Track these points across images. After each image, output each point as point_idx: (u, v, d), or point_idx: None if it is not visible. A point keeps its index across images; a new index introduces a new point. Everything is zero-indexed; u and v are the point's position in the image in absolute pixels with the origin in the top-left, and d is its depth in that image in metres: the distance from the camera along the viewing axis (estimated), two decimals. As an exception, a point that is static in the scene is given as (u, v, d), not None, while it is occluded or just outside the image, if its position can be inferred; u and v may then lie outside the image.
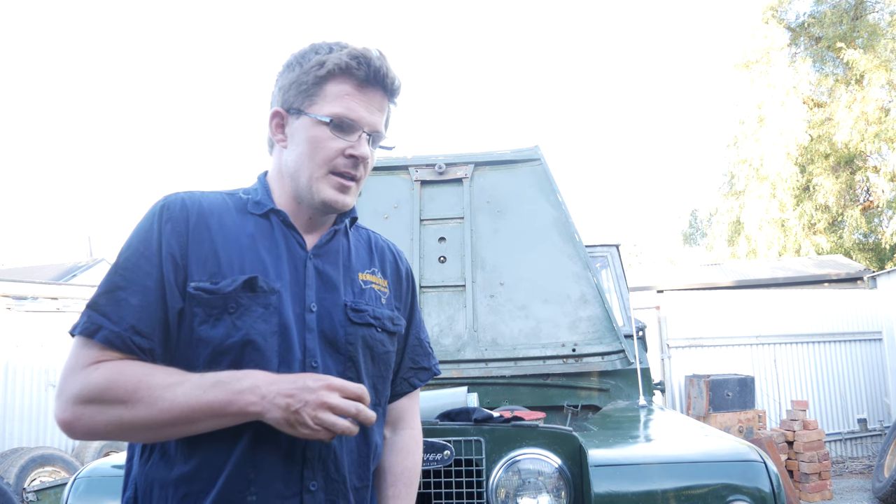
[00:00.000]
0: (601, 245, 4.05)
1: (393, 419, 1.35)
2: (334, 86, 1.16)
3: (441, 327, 3.24)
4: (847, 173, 15.55)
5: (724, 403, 6.78)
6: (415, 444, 1.36)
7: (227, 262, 1.11)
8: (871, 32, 14.81)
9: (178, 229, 1.11)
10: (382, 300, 1.27)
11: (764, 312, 8.74)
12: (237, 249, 1.13)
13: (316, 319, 1.15)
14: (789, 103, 15.33)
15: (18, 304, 7.46)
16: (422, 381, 1.39)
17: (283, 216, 1.20)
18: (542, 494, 1.93)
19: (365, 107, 1.17)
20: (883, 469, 6.46)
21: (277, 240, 1.18)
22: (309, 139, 1.16)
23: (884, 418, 8.85)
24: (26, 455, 6.02)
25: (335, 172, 1.17)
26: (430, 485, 2.00)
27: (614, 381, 3.13)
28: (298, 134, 1.18)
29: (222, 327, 1.07)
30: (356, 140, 1.17)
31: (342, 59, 1.15)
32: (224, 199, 1.20)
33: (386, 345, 1.25)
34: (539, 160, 3.47)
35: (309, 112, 1.16)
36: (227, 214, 1.17)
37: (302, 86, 1.17)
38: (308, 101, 1.17)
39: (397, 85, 1.21)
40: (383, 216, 3.48)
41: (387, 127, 1.26)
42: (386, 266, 1.34)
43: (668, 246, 26.77)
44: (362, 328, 1.19)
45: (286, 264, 1.16)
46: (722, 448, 2.00)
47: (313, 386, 1.01)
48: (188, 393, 0.99)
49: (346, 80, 1.16)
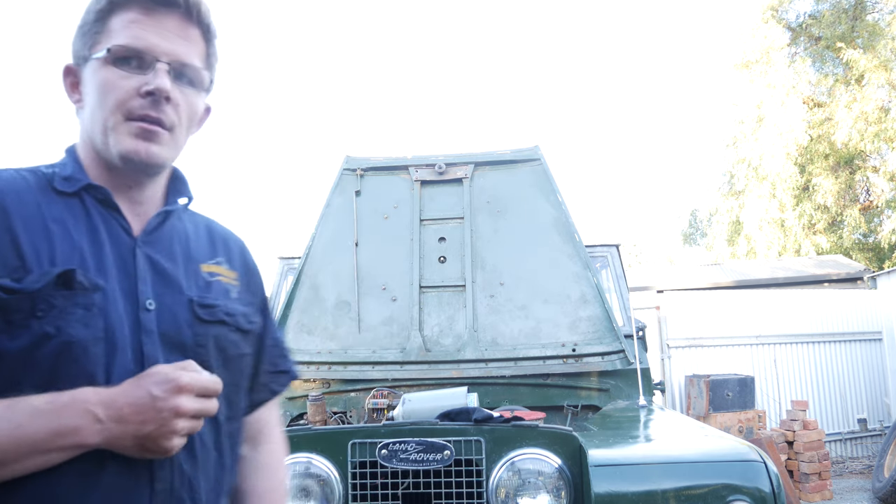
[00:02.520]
0: (601, 245, 4.05)
1: (252, 433, 1.15)
2: (119, 17, 0.96)
3: (441, 327, 3.24)
4: (847, 173, 15.54)
5: (724, 403, 6.77)
6: (277, 460, 1.18)
7: (33, 253, 0.88)
8: (870, 32, 14.80)
9: None
10: (233, 294, 1.07)
11: (764, 312, 8.74)
12: (44, 237, 0.90)
13: (155, 319, 0.94)
14: (789, 103, 15.33)
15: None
16: (282, 387, 1.21)
17: (102, 193, 0.97)
18: (542, 494, 1.93)
19: (157, 33, 0.96)
20: (883, 469, 6.46)
21: (95, 224, 0.95)
22: (97, 86, 0.96)
23: (884, 418, 8.85)
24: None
25: (133, 118, 0.95)
26: (430, 485, 2.00)
27: (614, 381, 3.14)
28: (88, 84, 0.98)
29: (26, 336, 0.84)
30: (152, 74, 0.95)
31: None
32: (23, 177, 0.95)
33: (240, 346, 1.06)
34: (539, 160, 3.47)
35: (93, 55, 0.97)
36: (27, 194, 0.93)
37: (84, 27, 0.99)
38: (91, 43, 0.98)
39: (202, 6, 1.00)
40: (383, 216, 3.48)
41: (210, 67, 1.05)
42: (233, 256, 1.13)
43: (668, 246, 26.77)
44: (214, 326, 1.00)
45: (110, 254, 0.94)
46: (722, 448, 2.01)
47: (161, 394, 0.84)
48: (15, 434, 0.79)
49: (131, 7, 0.96)
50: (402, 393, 2.79)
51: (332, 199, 3.53)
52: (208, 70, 1.04)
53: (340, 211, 3.50)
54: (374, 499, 2.03)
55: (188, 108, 1.01)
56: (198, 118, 1.06)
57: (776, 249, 15.80)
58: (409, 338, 3.19)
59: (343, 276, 3.36)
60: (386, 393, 2.87)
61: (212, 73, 1.06)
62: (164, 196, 1.07)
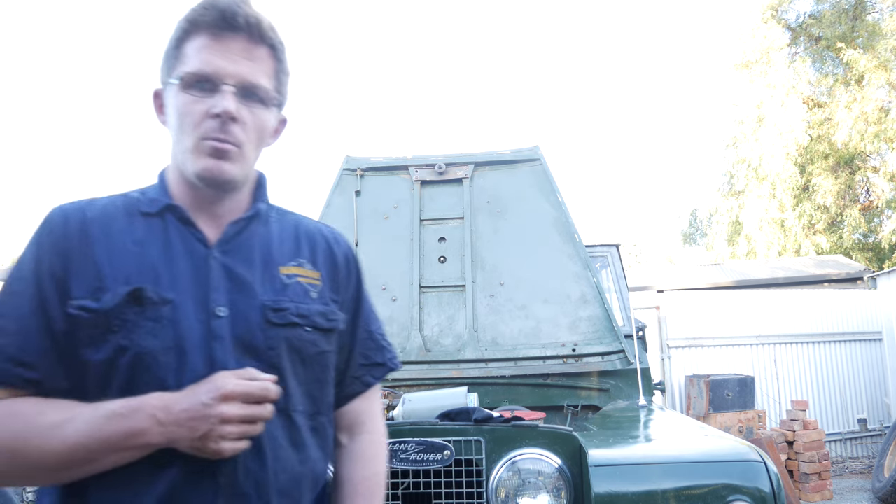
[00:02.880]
0: (601, 245, 4.05)
1: (348, 423, 1.21)
2: (191, 43, 1.03)
3: (441, 327, 3.24)
4: (846, 173, 15.54)
5: (724, 403, 6.77)
6: (375, 449, 1.21)
7: (111, 274, 0.99)
8: (870, 32, 14.80)
9: (59, 245, 0.99)
10: (312, 294, 1.11)
11: (764, 312, 8.74)
12: (123, 258, 1.00)
13: (228, 325, 1.01)
14: (789, 103, 15.33)
15: (18, 305, 7.45)
16: (376, 379, 1.25)
17: (178, 212, 1.06)
18: (542, 494, 1.93)
19: (224, 56, 1.02)
20: (883, 469, 6.46)
21: (172, 240, 1.04)
22: (175, 110, 1.04)
23: (884, 418, 8.85)
24: (26, 455, 6.01)
25: (205, 139, 1.02)
26: (430, 485, 2.00)
27: (614, 381, 3.13)
28: (170, 107, 1.06)
29: (106, 349, 0.95)
30: (219, 97, 1.02)
31: (190, 11, 1.03)
32: (113, 203, 1.07)
33: (319, 345, 1.10)
34: (539, 160, 3.47)
35: (170, 80, 1.05)
36: (114, 221, 1.04)
37: (167, 55, 1.06)
38: (170, 69, 1.06)
39: (263, 25, 1.06)
40: (383, 216, 3.48)
41: (280, 83, 1.11)
42: (317, 254, 1.17)
43: (668, 246, 26.77)
44: (285, 329, 1.05)
45: (184, 267, 1.02)
46: (722, 448, 2.00)
47: (208, 401, 0.91)
48: (79, 430, 0.90)
49: (201, 33, 1.03)
50: (402, 393, 2.79)
51: (332, 199, 3.53)
52: (278, 85, 1.10)
53: (340, 211, 3.50)
54: (374, 499, 2.03)
55: (257, 125, 1.06)
56: (269, 132, 1.11)
57: (776, 249, 15.80)
58: (409, 338, 3.19)
59: (343, 276, 3.36)
60: (386, 393, 2.87)
61: (283, 87, 1.12)
62: (249, 205, 1.14)
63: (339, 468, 1.18)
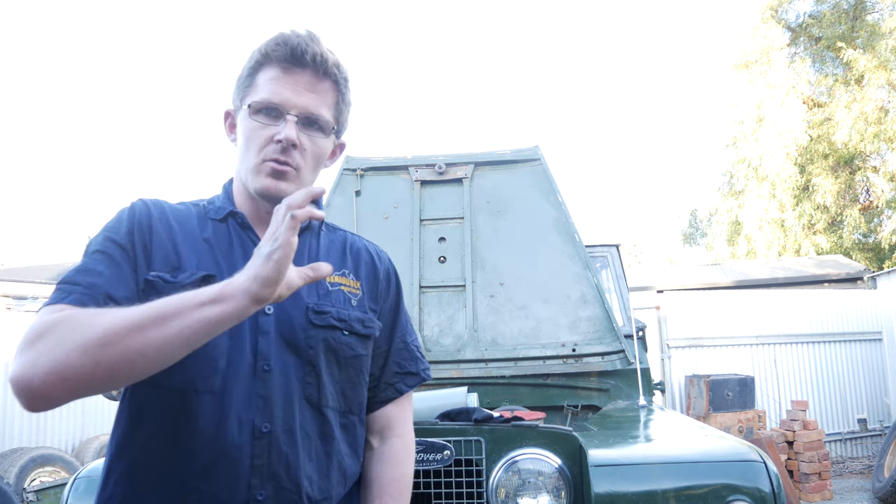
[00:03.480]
0: (601, 245, 4.05)
1: (380, 427, 1.29)
2: (263, 74, 1.17)
3: (441, 327, 3.24)
4: (846, 173, 15.54)
5: (724, 403, 6.77)
6: (404, 452, 1.29)
7: (187, 259, 1.12)
8: (870, 33, 14.80)
9: (145, 223, 1.13)
10: (353, 302, 1.22)
11: (764, 312, 8.74)
12: (196, 251, 1.14)
13: (274, 322, 1.12)
14: (789, 103, 15.33)
15: (18, 304, 7.47)
16: (409, 387, 1.33)
17: (240, 218, 1.19)
18: (542, 494, 1.93)
19: (291, 89, 1.15)
20: (883, 469, 6.46)
21: (233, 242, 1.17)
22: (244, 131, 1.17)
23: (884, 418, 8.85)
24: (26, 455, 6.02)
25: (267, 160, 1.15)
26: (430, 485, 2.00)
27: (614, 381, 3.13)
28: (239, 129, 1.20)
29: None
30: (283, 125, 1.14)
31: (265, 46, 1.16)
32: (186, 207, 1.22)
33: (355, 348, 1.20)
34: (539, 160, 3.47)
35: (242, 105, 1.18)
36: (188, 219, 1.18)
37: (240, 81, 1.20)
38: (244, 94, 1.19)
39: (329, 62, 1.17)
40: (383, 216, 3.48)
41: (340, 113, 1.23)
42: (360, 267, 1.29)
43: (668, 246, 26.78)
44: (324, 331, 1.15)
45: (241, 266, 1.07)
46: (722, 448, 2.00)
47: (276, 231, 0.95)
48: (168, 300, 0.94)
49: (273, 66, 1.16)
50: (402, 393, 2.79)
51: (331, 200, 3.53)
52: (338, 115, 1.23)
53: (340, 211, 3.50)
54: (374, 499, 2.03)
55: (315, 151, 1.19)
56: (325, 157, 1.24)
57: (776, 249, 15.80)
58: (409, 338, 3.19)
59: (343, 276, 3.36)
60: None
61: (342, 117, 1.24)
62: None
63: (369, 469, 1.25)
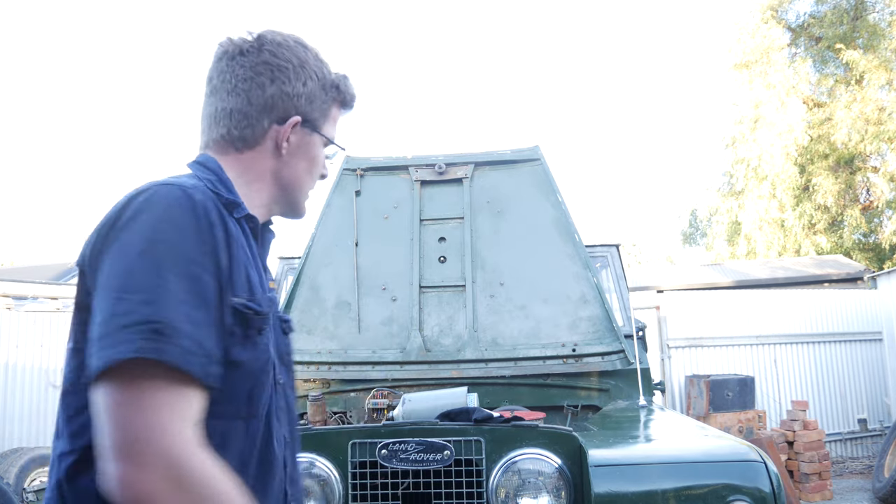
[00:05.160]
0: (601, 245, 4.05)
1: None
2: (334, 110, 1.20)
3: (441, 327, 3.24)
4: (847, 173, 15.54)
5: (724, 403, 6.77)
6: None
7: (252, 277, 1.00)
8: (871, 33, 14.80)
9: (218, 234, 0.92)
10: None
11: (764, 312, 8.73)
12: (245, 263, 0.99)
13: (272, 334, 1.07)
14: (789, 103, 15.32)
15: (18, 304, 7.46)
16: None
17: (254, 224, 1.09)
18: (542, 494, 1.93)
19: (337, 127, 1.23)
20: (883, 469, 6.46)
21: (254, 251, 1.07)
22: (314, 157, 1.17)
23: (884, 418, 8.84)
24: (26, 455, 6.01)
25: (311, 189, 1.20)
26: (430, 485, 2.00)
27: (614, 381, 3.13)
28: (305, 149, 1.15)
29: (253, 350, 0.96)
30: (328, 162, 1.22)
31: (350, 91, 1.20)
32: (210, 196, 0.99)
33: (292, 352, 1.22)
34: (539, 160, 3.47)
35: (322, 132, 1.17)
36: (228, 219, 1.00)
37: (322, 104, 1.16)
38: (322, 119, 1.17)
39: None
40: (383, 216, 3.48)
41: None
42: None
43: (668, 246, 26.80)
44: (289, 337, 1.16)
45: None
46: (722, 448, 2.01)
47: None
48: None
49: (338, 107, 1.20)
50: (402, 393, 2.79)
51: (331, 199, 3.53)
52: None
53: (340, 211, 3.49)
54: (374, 499, 2.03)
55: None
56: None
57: (776, 249, 15.79)
58: (409, 338, 3.19)
59: (343, 276, 3.36)
60: (386, 393, 2.87)
61: None
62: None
63: None
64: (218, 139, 1.10)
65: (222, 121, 1.10)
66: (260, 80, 1.08)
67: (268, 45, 1.10)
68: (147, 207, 0.88)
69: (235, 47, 1.10)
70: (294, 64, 1.11)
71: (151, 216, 0.87)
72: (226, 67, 1.10)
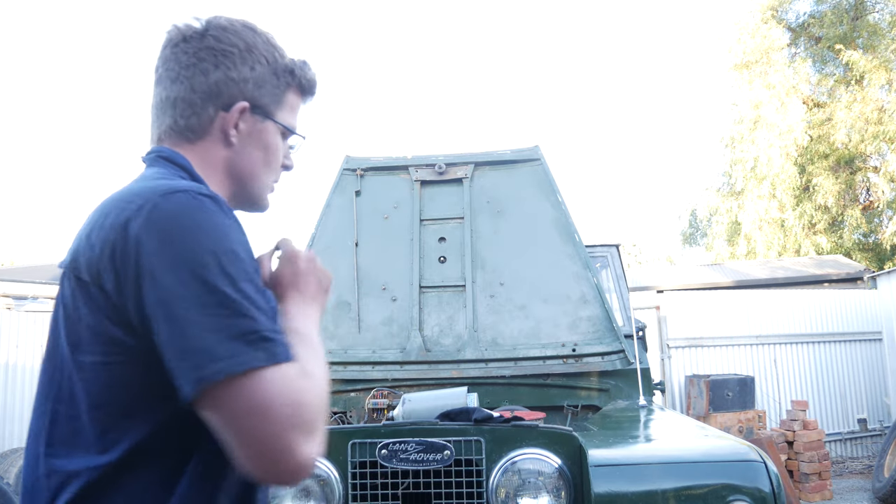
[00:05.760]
0: (601, 245, 4.05)
1: None
2: (291, 96, 1.14)
3: (441, 327, 3.24)
4: (847, 173, 15.54)
5: (724, 403, 6.77)
6: None
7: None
8: (871, 33, 14.81)
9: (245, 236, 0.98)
10: None
11: (764, 312, 8.73)
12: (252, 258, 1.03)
13: None
14: (789, 103, 15.33)
15: (18, 304, 7.46)
16: None
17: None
18: (542, 494, 1.93)
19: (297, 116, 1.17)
20: (883, 469, 6.46)
21: None
22: (269, 146, 1.11)
23: (884, 418, 8.84)
24: (26, 455, 6.01)
25: (275, 181, 1.16)
26: (430, 485, 2.00)
27: (614, 381, 3.13)
28: (257, 137, 1.09)
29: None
30: (291, 152, 1.16)
31: (308, 75, 1.14)
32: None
33: None
34: (539, 160, 3.47)
35: (276, 118, 1.10)
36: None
37: (274, 88, 1.10)
38: (275, 105, 1.11)
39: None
40: (383, 216, 3.48)
41: None
42: None
43: (668, 246, 26.82)
44: None
45: None
46: (722, 448, 2.01)
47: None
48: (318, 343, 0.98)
49: (298, 94, 1.15)
50: (402, 393, 2.79)
51: (332, 200, 3.53)
52: None
53: (340, 211, 3.50)
54: (374, 499, 2.03)
55: None
56: None
57: (776, 250, 15.79)
58: (409, 338, 3.19)
59: (343, 276, 3.36)
60: (386, 393, 2.87)
61: None
62: None
63: None
64: (167, 130, 1.07)
65: (167, 110, 1.06)
66: (203, 65, 1.04)
67: (212, 30, 1.06)
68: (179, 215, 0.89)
69: (179, 34, 1.06)
70: (240, 48, 1.07)
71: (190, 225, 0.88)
72: (170, 55, 1.06)
